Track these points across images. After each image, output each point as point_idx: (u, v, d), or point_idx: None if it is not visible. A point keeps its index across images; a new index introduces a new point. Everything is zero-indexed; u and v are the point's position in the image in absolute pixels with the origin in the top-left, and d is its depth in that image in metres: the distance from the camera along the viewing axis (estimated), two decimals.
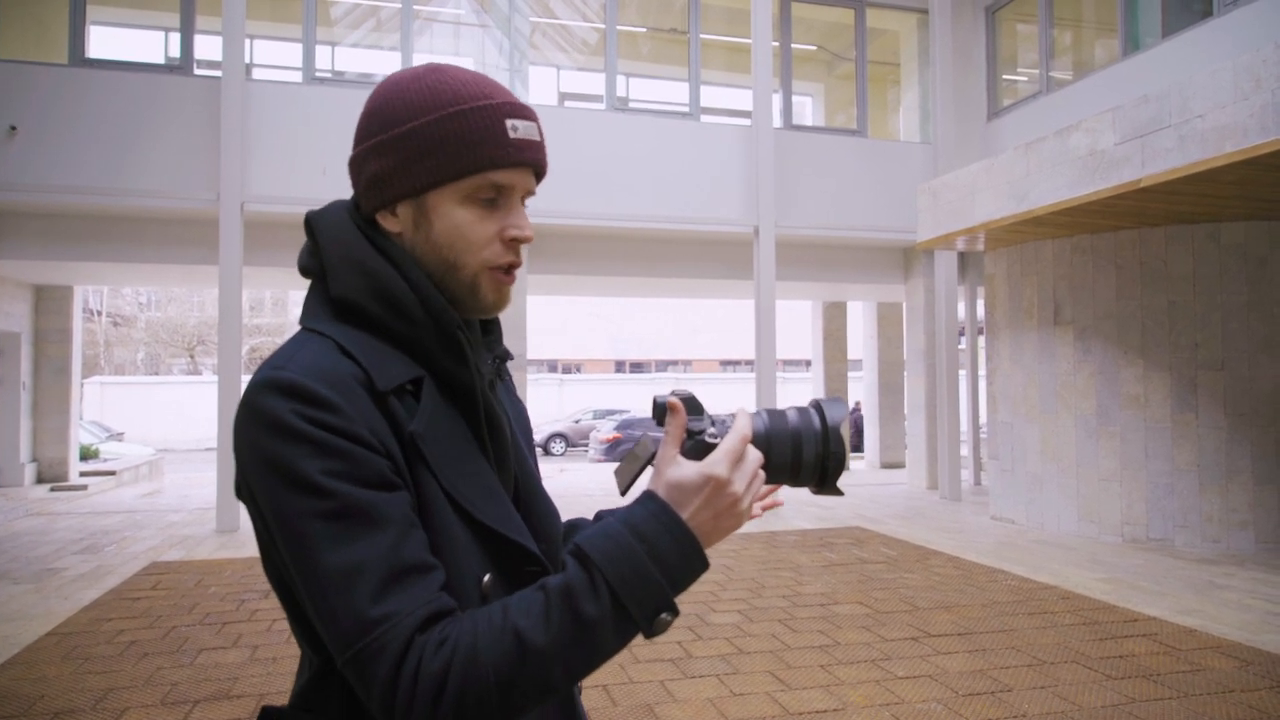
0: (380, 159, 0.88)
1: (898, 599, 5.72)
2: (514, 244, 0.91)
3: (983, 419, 12.11)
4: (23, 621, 5.16)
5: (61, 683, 4.09)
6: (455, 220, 0.88)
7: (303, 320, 0.90)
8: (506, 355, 1.02)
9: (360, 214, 0.92)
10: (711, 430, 0.84)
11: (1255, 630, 4.94)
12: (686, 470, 0.80)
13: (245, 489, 0.83)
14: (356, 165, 0.91)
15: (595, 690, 4.02)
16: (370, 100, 0.92)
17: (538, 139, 0.91)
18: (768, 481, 0.87)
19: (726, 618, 5.27)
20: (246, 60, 9.31)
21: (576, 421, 24.20)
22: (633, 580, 0.76)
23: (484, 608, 0.78)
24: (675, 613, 0.78)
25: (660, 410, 0.85)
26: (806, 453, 0.86)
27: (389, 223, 0.90)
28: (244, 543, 7.78)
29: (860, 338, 15.48)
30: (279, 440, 0.77)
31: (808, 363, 17.35)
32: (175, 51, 9.65)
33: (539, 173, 0.93)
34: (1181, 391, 7.54)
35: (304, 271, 0.92)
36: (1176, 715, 3.69)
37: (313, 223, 0.91)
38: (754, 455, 0.83)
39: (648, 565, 0.77)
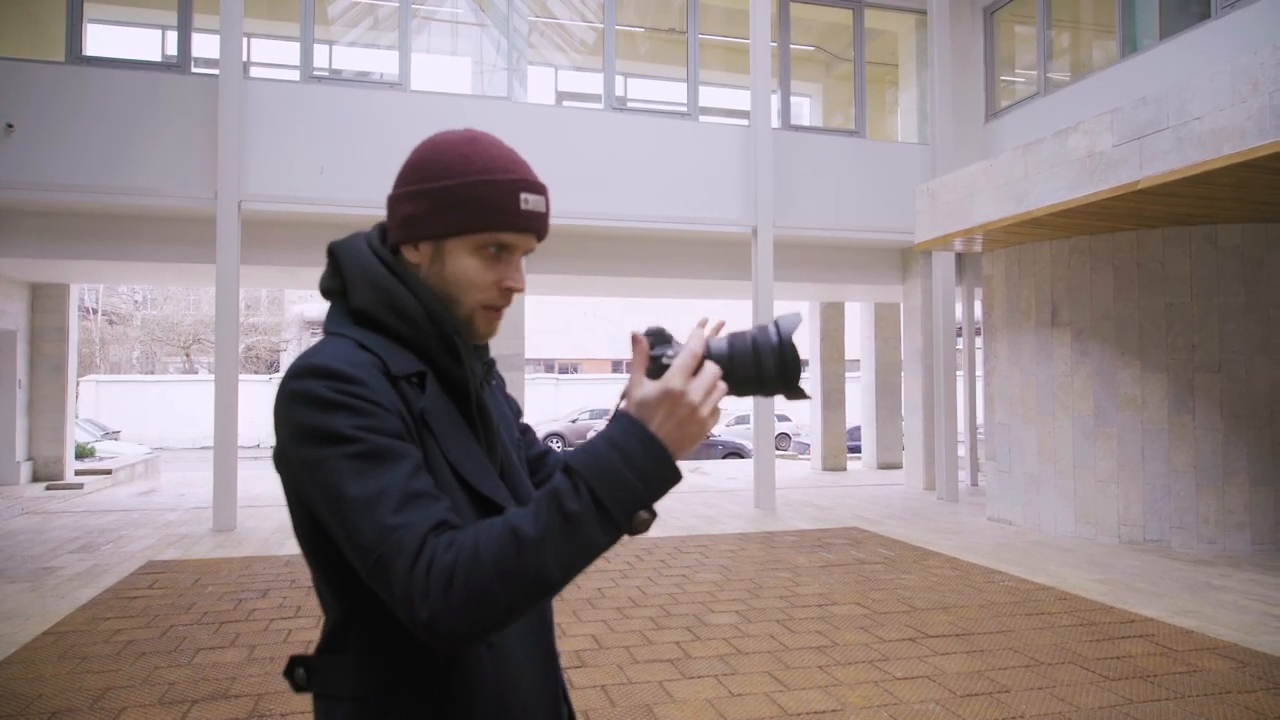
0: (414, 204, 1.06)
1: (895, 600, 5.73)
2: (507, 292, 1.10)
3: (980, 420, 12.13)
4: (19, 620, 5.15)
5: (58, 682, 4.09)
6: (464, 265, 1.06)
7: (326, 328, 1.08)
8: (492, 363, 1.23)
9: (385, 243, 1.10)
10: (669, 353, 0.95)
11: (1252, 631, 4.95)
12: (648, 388, 0.92)
13: (283, 457, 0.99)
14: (393, 203, 1.09)
15: (594, 690, 4.02)
16: (414, 153, 1.10)
17: (543, 211, 1.09)
18: (741, 395, 0.97)
19: (724, 618, 5.28)
20: (244, 59, 9.29)
21: (573, 421, 24.18)
22: (608, 482, 0.88)
23: (485, 519, 0.93)
24: (653, 513, 0.90)
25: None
26: (766, 363, 0.94)
27: (411, 255, 1.08)
28: (241, 542, 7.77)
29: (858, 338, 15.49)
30: (318, 411, 0.94)
31: (805, 362, 17.31)
32: (173, 50, 9.62)
33: (541, 237, 1.12)
34: (1178, 393, 7.56)
35: (325, 292, 1.10)
36: (1173, 716, 3.70)
37: (335, 250, 1.10)
38: (710, 368, 0.93)
39: (621, 469, 0.89)
